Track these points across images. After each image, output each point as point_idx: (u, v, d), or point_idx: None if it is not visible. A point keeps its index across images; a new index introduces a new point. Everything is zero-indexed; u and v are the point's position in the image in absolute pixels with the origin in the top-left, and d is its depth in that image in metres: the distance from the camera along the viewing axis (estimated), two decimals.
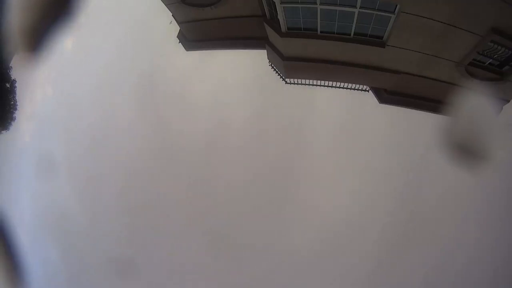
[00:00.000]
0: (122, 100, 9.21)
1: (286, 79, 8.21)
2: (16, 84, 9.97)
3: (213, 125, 9.13)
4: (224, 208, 9.08)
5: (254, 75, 8.70)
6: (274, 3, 6.92)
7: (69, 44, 8.35)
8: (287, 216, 8.88)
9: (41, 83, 9.49)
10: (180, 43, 8.75)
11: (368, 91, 7.89)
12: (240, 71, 8.72)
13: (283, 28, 7.21)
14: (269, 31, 7.70)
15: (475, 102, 6.72)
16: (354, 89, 7.88)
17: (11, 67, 9.63)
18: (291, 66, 7.96)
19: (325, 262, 8.73)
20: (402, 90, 7.73)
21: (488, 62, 6.77)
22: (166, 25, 8.62)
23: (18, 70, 9.56)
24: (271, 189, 8.94)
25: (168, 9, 8.45)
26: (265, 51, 8.21)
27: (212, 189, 9.16)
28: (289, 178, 8.98)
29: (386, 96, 7.83)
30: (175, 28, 8.66)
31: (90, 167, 9.64)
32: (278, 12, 7.01)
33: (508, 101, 6.91)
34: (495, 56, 6.64)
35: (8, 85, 9.91)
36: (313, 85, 8.04)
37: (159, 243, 9.27)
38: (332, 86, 7.94)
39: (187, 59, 8.95)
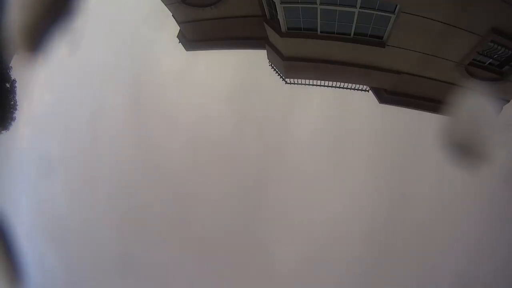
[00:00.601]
0: (120, 100, 9.21)
1: (286, 79, 8.21)
2: (16, 84, 9.97)
3: (211, 126, 9.13)
4: (217, 210, 9.08)
5: (254, 75, 8.70)
6: (274, 3, 6.92)
7: (68, 44, 8.35)
8: (282, 220, 8.89)
9: (41, 83, 9.49)
10: (180, 43, 8.75)
11: (368, 91, 7.89)
12: (240, 71, 8.72)
13: (283, 28, 7.22)
14: (269, 31, 7.71)
15: (475, 102, 6.73)
16: (354, 89, 7.89)
17: (11, 67, 9.62)
18: (291, 66, 7.96)
19: (319, 269, 8.72)
20: (402, 90, 7.74)
21: (488, 62, 6.78)
22: (166, 25, 8.63)
23: (18, 70, 9.56)
24: (265, 192, 8.94)
25: (168, 9, 8.45)
26: (265, 51, 8.21)
27: (205, 191, 9.16)
28: (285, 180, 8.98)
29: (386, 96, 7.83)
30: (175, 28, 8.67)
31: (90, 167, 9.64)
32: (278, 12, 7.02)
33: (508, 101, 6.91)
34: (495, 56, 6.64)
35: (8, 85, 9.90)
36: (313, 85, 8.04)
37: (155, 245, 9.27)
38: (332, 86, 7.94)
39: (187, 59, 8.95)
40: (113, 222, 9.23)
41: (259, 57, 8.35)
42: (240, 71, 8.66)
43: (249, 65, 8.60)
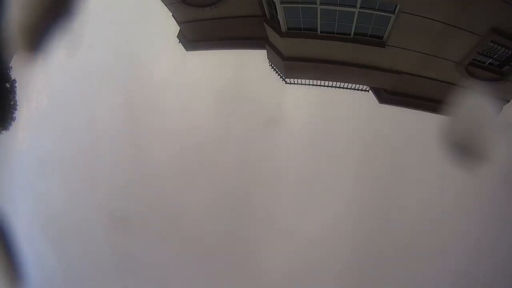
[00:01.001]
0: (120, 100, 9.21)
1: (286, 79, 8.21)
2: (16, 84, 9.96)
3: (211, 125, 9.13)
4: (213, 211, 9.09)
5: (253, 75, 8.70)
6: (274, 3, 6.92)
7: (67, 44, 8.35)
8: (278, 221, 8.88)
9: (41, 83, 9.49)
10: (180, 43, 8.75)
11: (368, 91, 7.89)
12: (240, 71, 8.72)
13: (283, 28, 7.22)
14: (269, 31, 7.71)
15: (475, 102, 6.73)
16: (354, 89, 7.88)
17: (11, 67, 9.62)
18: (291, 66, 7.96)
19: (315, 269, 8.71)
20: (402, 90, 7.74)
21: (488, 62, 6.77)
22: (166, 25, 8.63)
23: (18, 70, 9.56)
24: (262, 193, 8.93)
25: (168, 9, 8.45)
26: (265, 51, 8.21)
27: (203, 192, 9.16)
28: (283, 181, 8.97)
29: (386, 96, 7.83)
30: (175, 28, 8.67)
31: (90, 167, 9.64)
32: (278, 12, 7.02)
33: (508, 101, 6.91)
34: (495, 56, 6.64)
35: (8, 85, 9.89)
36: (313, 85, 8.04)
37: (149, 246, 9.28)
38: (332, 86, 7.94)
39: (187, 59, 8.95)
40: (111, 222, 9.24)
41: (259, 57, 8.36)
42: (240, 71, 8.67)
43: (249, 65, 8.61)
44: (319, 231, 8.72)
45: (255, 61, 8.55)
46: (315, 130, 8.78)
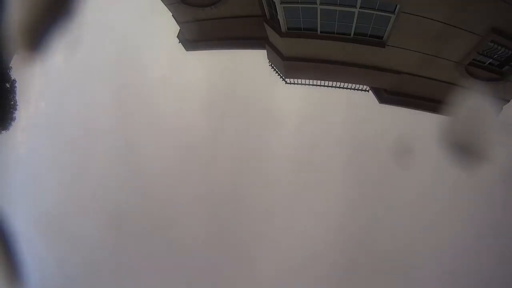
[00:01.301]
0: (120, 100, 9.22)
1: (286, 79, 8.21)
2: (16, 84, 9.97)
3: (211, 124, 9.14)
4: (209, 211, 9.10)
5: (253, 75, 8.71)
6: (274, 3, 6.92)
7: (67, 43, 8.35)
8: (271, 223, 8.89)
9: (40, 83, 9.49)
10: (180, 43, 8.76)
11: (368, 91, 7.90)
12: (239, 71, 8.73)
13: (283, 28, 7.22)
14: (269, 31, 7.71)
15: (475, 102, 6.73)
16: (354, 89, 7.89)
17: (11, 67, 9.63)
18: (291, 66, 7.96)
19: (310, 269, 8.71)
20: (402, 90, 7.74)
21: (488, 62, 6.78)
22: (166, 25, 8.64)
23: (18, 70, 9.56)
24: (258, 193, 8.94)
25: (168, 9, 8.46)
26: (265, 51, 8.21)
27: (200, 191, 9.16)
28: (281, 181, 8.98)
29: (386, 96, 7.84)
30: (175, 28, 8.67)
31: (89, 167, 9.64)
32: (278, 12, 7.02)
33: (508, 101, 6.91)
34: (495, 56, 6.64)
35: (8, 85, 9.90)
36: (313, 85, 8.04)
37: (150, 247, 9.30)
38: (332, 86, 7.94)
39: (187, 59, 8.96)
40: (109, 222, 9.25)
41: (259, 57, 8.36)
42: (240, 71, 8.68)
43: (249, 65, 8.62)
44: (318, 231, 8.73)
45: (255, 61, 8.56)
46: (314, 130, 8.78)
